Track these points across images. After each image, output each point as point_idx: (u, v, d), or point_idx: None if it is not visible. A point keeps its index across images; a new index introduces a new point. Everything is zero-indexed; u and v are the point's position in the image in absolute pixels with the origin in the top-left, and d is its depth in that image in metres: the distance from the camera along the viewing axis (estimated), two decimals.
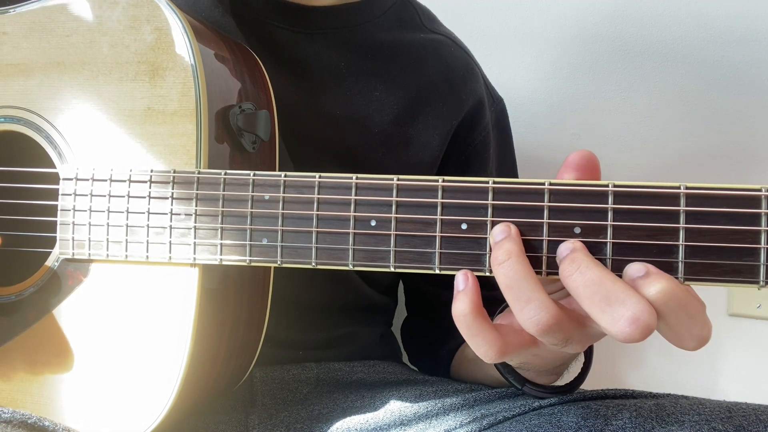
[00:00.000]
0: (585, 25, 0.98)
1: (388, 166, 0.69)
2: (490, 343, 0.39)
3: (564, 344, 0.39)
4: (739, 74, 0.94)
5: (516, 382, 0.52)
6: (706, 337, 0.38)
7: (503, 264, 0.39)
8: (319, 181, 0.45)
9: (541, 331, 0.38)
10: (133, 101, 0.52)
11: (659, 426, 0.46)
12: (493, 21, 1.00)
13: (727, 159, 0.95)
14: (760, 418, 0.46)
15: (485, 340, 0.39)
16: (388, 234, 0.43)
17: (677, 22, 0.95)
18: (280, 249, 0.46)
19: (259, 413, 0.62)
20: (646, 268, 0.37)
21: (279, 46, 0.67)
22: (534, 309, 0.38)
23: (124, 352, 0.51)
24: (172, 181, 0.48)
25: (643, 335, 0.35)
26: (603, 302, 0.36)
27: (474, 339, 0.40)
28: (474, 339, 0.40)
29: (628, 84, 0.97)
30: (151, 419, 0.49)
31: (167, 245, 0.49)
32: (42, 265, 0.53)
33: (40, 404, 0.52)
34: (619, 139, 0.98)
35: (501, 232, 0.40)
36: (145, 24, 0.52)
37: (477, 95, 0.74)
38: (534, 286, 0.38)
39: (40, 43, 0.54)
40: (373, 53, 0.70)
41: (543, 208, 0.40)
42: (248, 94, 0.56)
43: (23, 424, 0.45)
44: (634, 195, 0.39)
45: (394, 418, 0.60)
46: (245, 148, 0.53)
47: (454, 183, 0.42)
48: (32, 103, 0.54)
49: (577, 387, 0.53)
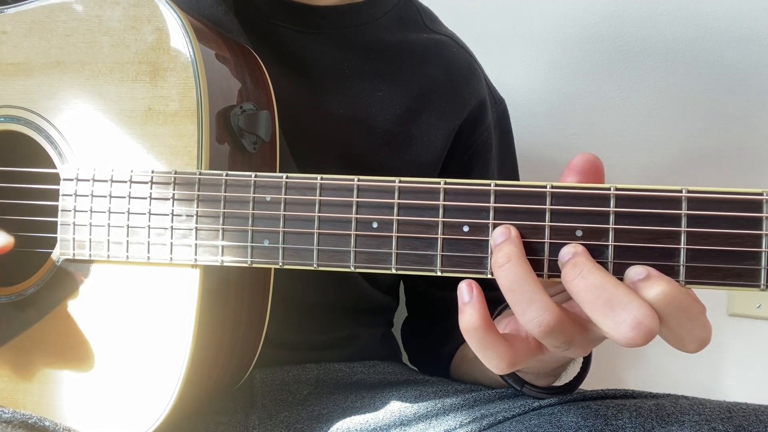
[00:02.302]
0: (585, 25, 0.98)
1: (391, 165, 0.69)
2: (501, 355, 0.39)
3: (567, 347, 0.39)
4: (739, 74, 0.94)
5: (515, 384, 0.52)
6: (706, 340, 0.38)
7: (503, 267, 0.39)
8: (320, 182, 0.45)
9: (543, 333, 0.38)
10: (133, 101, 0.52)
11: (659, 426, 0.46)
12: (493, 21, 1.00)
13: (727, 159, 0.95)
14: (760, 418, 0.46)
15: (496, 352, 0.39)
16: (389, 236, 0.43)
17: (677, 22, 0.95)
18: (282, 250, 0.46)
19: (259, 414, 0.62)
20: (647, 271, 0.37)
21: (282, 45, 0.67)
22: (536, 311, 0.38)
23: (125, 352, 0.51)
24: (173, 182, 0.48)
25: (645, 339, 0.35)
26: (605, 306, 0.36)
27: (485, 352, 0.40)
28: (485, 352, 0.40)
29: (628, 84, 0.97)
30: (152, 420, 0.49)
31: (168, 246, 0.49)
32: (43, 266, 0.53)
33: (41, 404, 0.52)
34: (619, 139, 0.98)
35: (501, 235, 0.40)
36: (146, 24, 0.52)
37: (479, 95, 0.74)
38: (535, 288, 0.38)
39: (40, 42, 0.54)
40: (375, 53, 0.70)
41: (545, 211, 0.40)
42: (249, 95, 0.56)
43: (24, 424, 0.45)
44: (636, 198, 0.39)
45: (394, 419, 0.60)
46: (246, 148, 0.53)
47: (455, 185, 0.42)
48: (32, 103, 0.54)
49: (576, 387, 0.53)
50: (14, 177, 0.57)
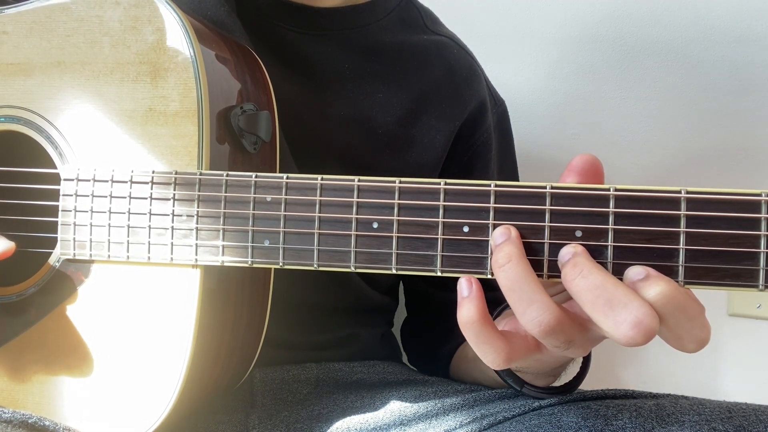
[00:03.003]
0: (585, 25, 0.98)
1: (392, 167, 0.69)
2: (498, 350, 0.40)
3: (566, 346, 0.39)
4: (739, 74, 0.94)
5: (515, 384, 0.52)
6: (705, 339, 0.38)
7: (504, 267, 0.39)
8: (321, 183, 0.45)
9: (543, 333, 0.38)
10: (134, 102, 0.52)
11: (659, 426, 0.46)
12: (493, 22, 1.00)
13: (727, 159, 0.95)
14: (760, 418, 0.46)
15: (493, 347, 0.40)
16: (389, 236, 0.43)
17: (677, 22, 0.95)
18: (282, 251, 0.46)
19: (259, 413, 0.62)
20: (646, 271, 0.37)
21: (284, 46, 0.67)
22: (536, 310, 0.38)
23: (126, 352, 0.51)
24: (174, 182, 0.48)
25: (645, 339, 0.35)
26: (606, 306, 0.36)
27: (482, 347, 0.40)
28: (482, 347, 0.40)
29: (628, 84, 0.97)
30: (152, 419, 0.49)
31: (169, 246, 0.49)
32: (43, 266, 0.53)
33: (41, 404, 0.52)
34: (619, 139, 0.98)
35: (501, 235, 0.40)
36: (146, 24, 0.52)
37: (480, 96, 0.74)
38: (535, 288, 0.38)
39: (40, 42, 0.54)
40: (376, 55, 0.70)
41: (544, 211, 0.40)
42: (249, 95, 0.56)
43: (23, 424, 0.45)
44: (635, 199, 0.39)
45: (394, 418, 0.60)
46: (246, 149, 0.53)
47: (456, 186, 0.42)
48: (33, 103, 0.54)
49: (575, 387, 0.53)
50: (15, 177, 0.57)
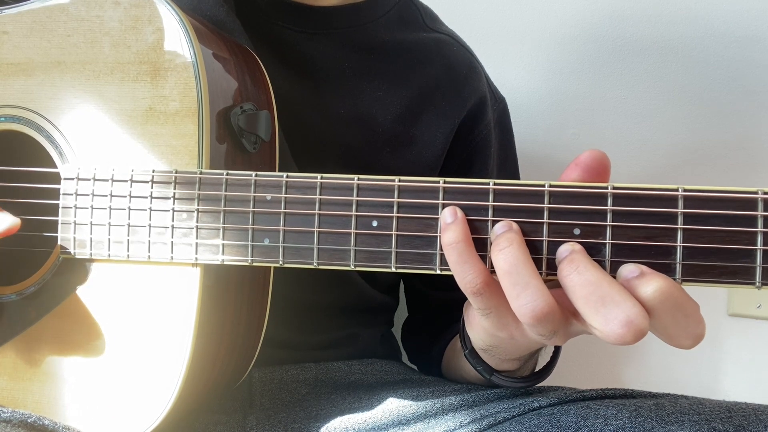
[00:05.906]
0: (585, 25, 0.98)
1: (392, 165, 0.69)
2: (478, 270, 0.40)
3: (550, 336, 0.39)
4: (739, 74, 0.94)
5: (485, 372, 0.53)
6: (701, 335, 0.38)
7: (504, 249, 0.39)
8: (320, 181, 0.45)
9: (534, 319, 0.38)
10: (134, 101, 0.52)
11: (659, 426, 0.46)
12: (493, 21, 1.00)
13: (727, 159, 0.95)
14: (760, 418, 0.46)
15: (474, 267, 0.40)
16: (389, 234, 0.43)
17: (677, 22, 0.95)
18: (282, 249, 0.46)
19: (257, 414, 0.62)
20: (640, 269, 0.38)
21: (283, 45, 0.67)
22: (531, 295, 0.38)
23: (126, 351, 0.51)
24: (174, 181, 0.49)
25: (634, 338, 0.36)
26: (598, 303, 0.36)
27: (463, 266, 0.40)
28: (463, 266, 0.40)
29: (628, 84, 0.97)
30: (152, 418, 0.49)
31: (169, 245, 0.49)
32: (44, 264, 0.53)
33: (41, 403, 0.52)
34: (618, 139, 0.98)
35: (503, 227, 0.41)
36: (146, 24, 0.52)
37: (479, 93, 0.74)
38: (532, 273, 0.39)
39: (41, 42, 0.55)
40: (376, 53, 0.70)
41: (543, 209, 0.41)
42: (249, 95, 0.56)
43: (23, 424, 0.45)
44: (633, 197, 0.39)
45: (392, 418, 0.60)
46: (246, 148, 0.53)
47: (455, 184, 0.42)
48: (33, 103, 0.54)
49: (545, 377, 0.54)
50: (15, 176, 0.57)
